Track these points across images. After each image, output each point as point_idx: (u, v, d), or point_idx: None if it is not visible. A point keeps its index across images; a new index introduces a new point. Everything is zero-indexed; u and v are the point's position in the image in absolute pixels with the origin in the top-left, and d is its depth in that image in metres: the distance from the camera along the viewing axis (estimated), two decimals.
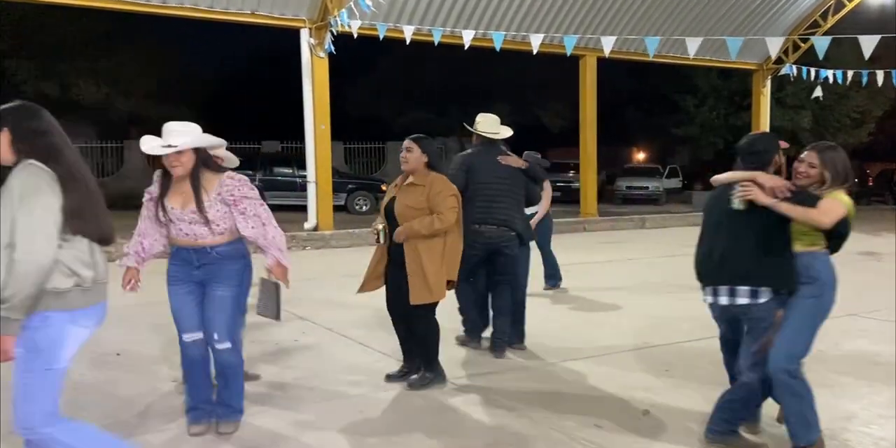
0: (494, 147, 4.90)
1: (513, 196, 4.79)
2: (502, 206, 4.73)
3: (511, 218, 4.75)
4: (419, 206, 3.98)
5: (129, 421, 3.66)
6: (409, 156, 4.07)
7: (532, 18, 13.20)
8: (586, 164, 15.05)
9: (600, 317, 6.20)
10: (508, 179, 4.78)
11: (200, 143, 3.29)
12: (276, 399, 3.99)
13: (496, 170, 4.76)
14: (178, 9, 10.83)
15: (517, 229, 4.78)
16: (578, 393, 4.14)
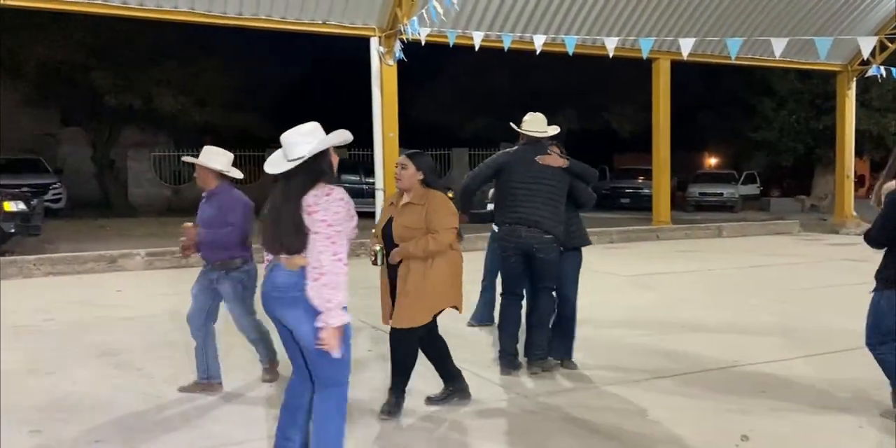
0: (537, 146, 4.62)
1: (546, 196, 4.47)
2: (532, 206, 4.46)
3: (542, 219, 4.44)
4: (417, 226, 3.70)
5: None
6: (403, 173, 3.81)
7: (604, 21, 12.89)
8: (659, 169, 14.60)
9: (683, 332, 5.89)
10: (544, 179, 4.48)
11: (325, 145, 2.85)
12: (353, 407, 3.90)
13: (531, 169, 4.49)
14: (253, 20, 11.02)
15: (553, 232, 4.46)
16: (669, 415, 3.90)
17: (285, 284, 2.81)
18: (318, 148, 2.79)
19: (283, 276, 2.82)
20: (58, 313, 6.71)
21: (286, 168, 2.80)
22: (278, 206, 2.82)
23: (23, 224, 10.53)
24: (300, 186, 2.79)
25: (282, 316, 2.86)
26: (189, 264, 9.77)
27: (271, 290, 2.86)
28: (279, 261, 2.85)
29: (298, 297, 2.78)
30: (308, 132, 2.82)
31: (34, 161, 18.51)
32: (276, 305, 2.87)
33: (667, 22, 13.38)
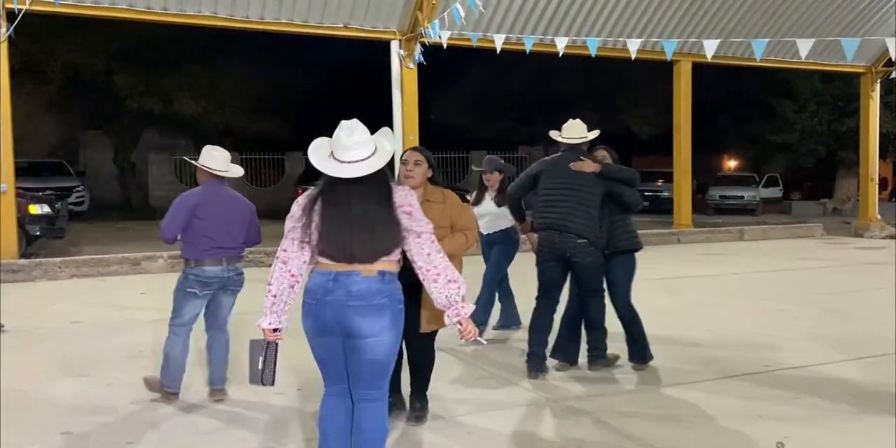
0: (574, 152, 4.67)
1: (578, 201, 4.52)
2: (563, 211, 4.53)
3: (571, 224, 4.49)
4: (444, 225, 3.62)
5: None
6: (417, 170, 3.68)
7: (625, 23, 12.83)
8: (680, 172, 14.49)
9: (711, 337, 5.83)
10: (577, 185, 4.54)
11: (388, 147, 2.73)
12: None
13: (564, 175, 4.57)
14: (275, 24, 11.08)
15: (586, 236, 4.49)
16: (702, 422, 3.85)
17: (368, 291, 2.63)
18: (390, 147, 2.68)
19: (363, 282, 2.63)
20: (85, 315, 6.77)
21: (369, 171, 2.61)
22: (365, 210, 2.62)
23: (48, 227, 10.67)
24: (387, 187, 2.67)
25: (357, 326, 2.64)
26: None
27: (348, 299, 2.63)
28: (352, 268, 2.64)
29: (385, 305, 2.65)
30: (365, 131, 2.66)
31: (57, 164, 18.74)
32: (353, 314, 2.63)
33: (689, 23, 13.29)
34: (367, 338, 2.65)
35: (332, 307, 2.64)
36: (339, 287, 2.64)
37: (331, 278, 2.66)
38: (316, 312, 2.67)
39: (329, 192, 2.67)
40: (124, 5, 10.04)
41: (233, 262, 4.19)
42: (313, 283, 2.70)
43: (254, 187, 21.76)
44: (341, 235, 2.62)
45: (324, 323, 2.67)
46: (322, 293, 2.66)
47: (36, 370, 4.88)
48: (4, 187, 9.27)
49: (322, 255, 2.67)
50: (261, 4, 10.75)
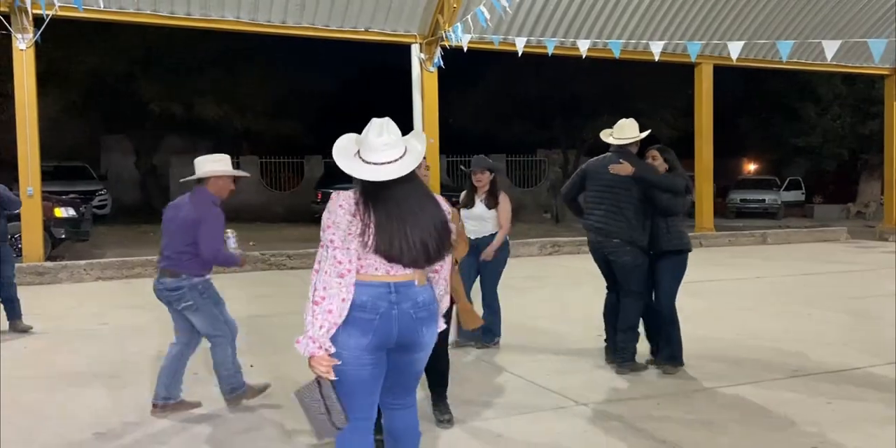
0: (618, 153, 4.73)
1: (613, 202, 4.67)
2: (599, 212, 4.74)
3: (605, 225, 4.68)
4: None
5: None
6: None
7: (646, 25, 12.77)
8: (702, 175, 14.38)
9: (740, 341, 5.76)
10: (614, 187, 4.66)
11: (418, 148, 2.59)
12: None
13: (604, 177, 4.72)
14: (297, 28, 11.15)
15: (620, 236, 4.62)
16: (735, 427, 3.80)
17: (428, 299, 2.51)
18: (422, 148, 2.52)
19: (423, 292, 2.50)
20: (112, 317, 6.83)
21: (403, 171, 2.43)
22: (423, 211, 2.44)
23: (73, 230, 10.79)
24: (425, 187, 2.54)
25: (421, 338, 2.49)
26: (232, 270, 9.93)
27: (416, 311, 2.46)
28: (407, 277, 2.46)
29: (437, 311, 2.57)
30: (396, 132, 2.47)
31: (81, 168, 18.95)
32: (419, 325, 2.47)
33: (710, 25, 13.20)
34: (425, 349, 2.53)
35: (400, 320, 2.43)
36: (403, 298, 2.44)
37: (391, 290, 2.43)
38: (380, 328, 2.41)
39: (378, 194, 2.42)
40: (148, 10, 10.15)
41: (163, 275, 3.93)
42: (367, 296, 2.41)
43: (272, 191, 21.88)
44: (406, 239, 2.39)
45: (385, 339, 2.43)
46: (386, 306, 2.42)
47: (65, 371, 4.93)
48: (31, 191, 9.39)
49: (387, 262, 2.41)
50: (283, 9, 10.82)
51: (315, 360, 2.36)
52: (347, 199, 2.43)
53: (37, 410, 4.10)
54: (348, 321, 2.38)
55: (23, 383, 4.65)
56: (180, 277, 3.86)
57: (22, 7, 9.10)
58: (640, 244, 4.65)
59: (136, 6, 10.02)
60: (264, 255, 10.35)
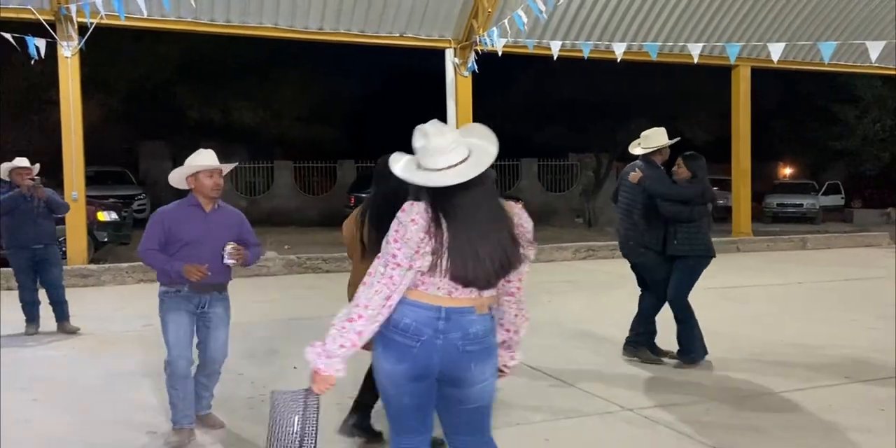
0: (642, 162, 5.08)
1: (624, 208, 5.09)
2: (620, 217, 5.17)
3: (625, 229, 5.08)
4: None
5: None
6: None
7: (683, 27, 12.65)
8: (739, 179, 14.18)
9: (785, 347, 5.67)
10: (626, 193, 5.08)
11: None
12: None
13: (623, 184, 5.13)
14: (333, 34, 11.27)
15: (631, 239, 5.04)
16: (783, 434, 3.74)
17: (483, 331, 2.17)
18: (494, 149, 2.22)
19: (480, 322, 2.16)
20: (155, 319, 6.92)
21: (473, 173, 2.11)
22: (493, 221, 2.13)
23: (115, 233, 11.03)
24: (496, 197, 2.19)
25: (470, 374, 2.16)
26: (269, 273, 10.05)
27: (465, 343, 2.13)
28: (465, 302, 2.14)
29: (494, 345, 2.23)
30: (448, 131, 2.19)
31: (120, 173, 19.34)
32: (467, 360, 2.14)
33: (749, 26, 13.03)
34: (475, 385, 2.18)
35: (443, 352, 2.13)
36: (453, 328, 2.12)
37: (441, 316, 2.12)
38: (418, 356, 2.12)
39: (448, 203, 2.11)
40: (189, 18, 10.35)
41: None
42: (412, 320, 2.12)
43: (306, 195, 22.09)
44: (477, 258, 2.08)
45: (425, 368, 2.14)
46: (431, 334, 2.11)
47: (114, 372, 5.03)
48: (76, 195, 9.61)
49: (463, 286, 2.11)
50: (320, 15, 10.95)
51: (318, 376, 2.12)
52: (422, 214, 2.11)
53: (89, 411, 4.19)
54: (386, 342, 2.14)
55: (73, 384, 4.76)
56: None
57: (67, 15, 9.33)
58: (652, 247, 4.97)
59: (178, 14, 10.23)
60: (300, 258, 10.46)
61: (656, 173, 4.97)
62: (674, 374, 4.87)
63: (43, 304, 6.32)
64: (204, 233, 3.60)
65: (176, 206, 3.67)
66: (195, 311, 3.65)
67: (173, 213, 3.63)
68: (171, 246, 3.59)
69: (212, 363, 3.74)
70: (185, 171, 3.61)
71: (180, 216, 3.62)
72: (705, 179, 4.96)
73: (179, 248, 3.57)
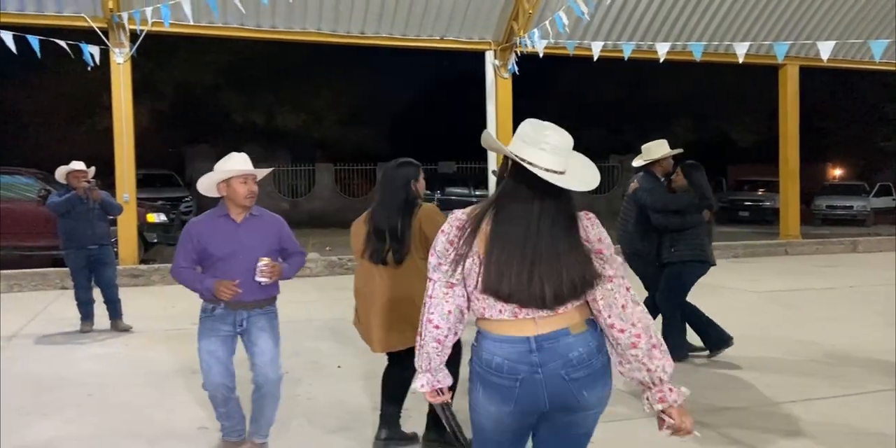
0: (643, 173, 5.34)
1: (622, 217, 5.37)
2: (617, 227, 5.33)
3: (621, 238, 5.30)
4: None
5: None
6: None
7: (728, 26, 12.44)
8: (788, 181, 13.87)
9: (835, 352, 5.54)
10: (625, 204, 5.42)
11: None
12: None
13: (626, 193, 5.51)
14: (374, 38, 11.38)
15: (626, 248, 5.26)
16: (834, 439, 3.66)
17: (587, 353, 1.89)
18: (592, 176, 2.01)
19: (579, 343, 1.89)
20: None
21: (579, 187, 1.91)
22: (552, 231, 1.88)
23: (164, 234, 11.32)
24: (571, 209, 1.94)
25: (583, 401, 1.92)
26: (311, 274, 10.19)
27: (569, 371, 1.88)
28: (552, 325, 1.89)
29: (604, 365, 1.94)
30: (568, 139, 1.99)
31: (168, 176, 19.83)
32: (576, 388, 1.89)
33: (797, 24, 12.75)
34: (591, 410, 1.95)
35: (548, 385, 1.89)
36: (550, 357, 1.88)
37: (532, 348, 1.89)
38: (521, 396, 1.90)
39: (506, 207, 1.93)
40: (235, 24, 10.57)
41: None
42: (503, 358, 1.91)
43: (346, 197, 22.34)
44: (522, 266, 1.86)
45: (533, 406, 1.93)
46: (527, 371, 1.89)
47: (166, 368, 5.17)
48: (127, 197, 9.90)
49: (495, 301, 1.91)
50: (361, 19, 11.08)
51: (428, 396, 2.06)
52: (453, 222, 1.98)
53: (142, 405, 4.32)
54: (485, 383, 1.95)
55: (126, 380, 4.91)
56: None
57: (119, 23, 9.63)
58: (644, 256, 5.22)
59: (224, 20, 10.45)
60: (341, 259, 10.60)
61: (651, 184, 5.19)
62: (719, 378, 4.81)
63: (97, 303, 6.53)
64: (235, 246, 3.27)
65: (206, 217, 3.39)
66: (234, 332, 3.39)
67: (202, 226, 3.33)
68: (206, 261, 3.33)
69: (261, 385, 3.40)
70: (216, 177, 3.26)
71: (209, 229, 3.31)
72: (704, 187, 5.12)
73: (213, 262, 3.30)
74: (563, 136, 1.95)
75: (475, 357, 1.99)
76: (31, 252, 10.30)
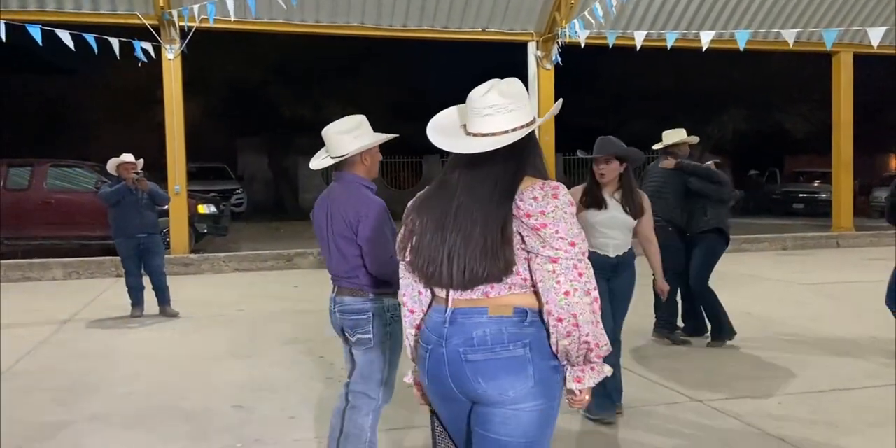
0: (664, 154, 5.59)
1: (657, 194, 5.24)
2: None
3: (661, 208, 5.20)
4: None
5: None
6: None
7: (777, 13, 12.11)
8: (840, 172, 13.46)
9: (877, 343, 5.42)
10: (656, 180, 5.53)
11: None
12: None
13: (649, 177, 5.66)
14: (417, 31, 11.48)
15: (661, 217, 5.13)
16: (863, 428, 3.61)
17: (492, 337, 1.71)
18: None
19: (489, 324, 1.72)
20: (248, 305, 7.38)
21: (495, 146, 1.72)
22: (466, 207, 1.74)
23: (213, 225, 11.70)
24: (511, 178, 1.75)
25: (474, 389, 1.74)
26: None
27: (466, 350, 1.73)
28: (474, 301, 1.75)
29: (523, 359, 1.71)
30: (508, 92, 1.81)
31: (220, 169, 20.41)
32: (472, 372, 1.73)
33: (850, 10, 12.32)
34: (497, 407, 1.72)
35: (450, 362, 1.75)
36: (456, 331, 1.75)
37: (445, 318, 1.77)
38: (428, 368, 1.80)
39: (437, 184, 1.85)
40: (281, 19, 10.80)
41: (341, 294, 2.84)
42: (426, 325, 1.84)
43: (392, 189, 22.57)
44: (432, 244, 1.76)
45: (441, 384, 1.79)
46: (435, 340, 1.78)
47: (209, 352, 5.40)
48: (178, 189, 10.25)
49: (417, 277, 1.83)
50: (404, 13, 11.18)
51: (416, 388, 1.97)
52: (415, 199, 1.91)
53: (184, 385, 4.54)
54: (417, 353, 1.90)
55: (171, 361, 5.15)
56: (366, 297, 2.77)
57: (170, 20, 9.96)
58: (678, 224, 5.41)
59: (270, 16, 10.69)
60: None
61: (686, 162, 5.51)
62: (747, 366, 4.78)
63: (147, 290, 6.83)
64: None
65: (374, 189, 2.85)
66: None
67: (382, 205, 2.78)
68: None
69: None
70: (371, 142, 2.83)
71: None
72: (722, 180, 5.47)
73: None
74: (490, 94, 1.76)
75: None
76: (88, 241, 10.78)
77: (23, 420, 3.88)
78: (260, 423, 3.79)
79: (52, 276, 9.37)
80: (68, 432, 3.71)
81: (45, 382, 4.60)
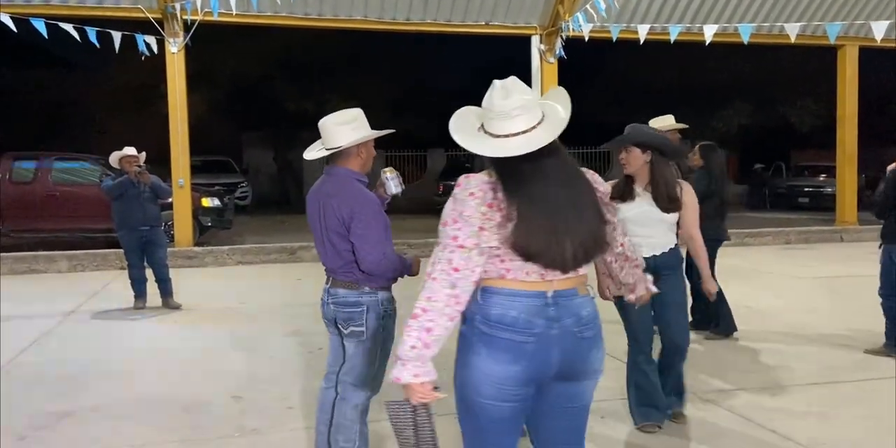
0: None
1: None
2: None
3: None
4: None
5: None
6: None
7: (782, 6, 12.06)
8: (844, 165, 13.42)
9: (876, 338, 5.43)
10: None
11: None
12: None
13: None
14: (420, 24, 11.47)
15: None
16: (857, 421, 3.64)
17: (593, 313, 1.95)
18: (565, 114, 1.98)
19: (588, 303, 1.93)
20: (250, 297, 7.43)
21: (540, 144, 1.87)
22: (574, 192, 1.89)
23: (217, 218, 11.77)
24: (573, 167, 1.97)
25: (587, 364, 1.92)
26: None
27: (581, 329, 1.89)
28: (567, 283, 1.89)
29: (601, 330, 1.97)
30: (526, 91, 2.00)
31: (224, 162, 20.45)
32: (587, 348, 1.90)
33: (855, 3, 12.25)
34: (591, 378, 1.95)
35: (562, 342, 1.86)
36: (565, 313, 1.87)
37: (548, 301, 1.86)
38: (535, 354, 1.84)
39: (514, 174, 1.86)
40: (284, 13, 10.81)
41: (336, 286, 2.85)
42: (519, 311, 1.84)
43: None
44: (555, 230, 1.82)
45: (543, 367, 1.86)
46: (543, 325, 1.84)
47: (210, 344, 5.46)
48: (182, 182, 10.30)
49: (531, 263, 1.84)
50: (407, 6, 11.18)
51: (405, 388, 1.85)
52: (481, 186, 1.87)
53: (185, 375, 4.59)
54: (490, 342, 1.83)
55: (173, 353, 5.21)
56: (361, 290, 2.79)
57: (173, 13, 9.98)
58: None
59: (274, 9, 10.71)
60: None
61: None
62: (742, 359, 4.80)
63: (150, 282, 6.88)
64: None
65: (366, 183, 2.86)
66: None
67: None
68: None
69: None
70: (365, 136, 2.80)
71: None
72: (718, 169, 5.23)
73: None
74: (505, 96, 1.90)
75: (479, 316, 1.85)
76: (93, 234, 10.86)
77: (26, 410, 3.94)
78: (259, 414, 3.84)
79: (58, 269, 9.45)
80: (70, 422, 3.77)
81: (49, 373, 4.67)
